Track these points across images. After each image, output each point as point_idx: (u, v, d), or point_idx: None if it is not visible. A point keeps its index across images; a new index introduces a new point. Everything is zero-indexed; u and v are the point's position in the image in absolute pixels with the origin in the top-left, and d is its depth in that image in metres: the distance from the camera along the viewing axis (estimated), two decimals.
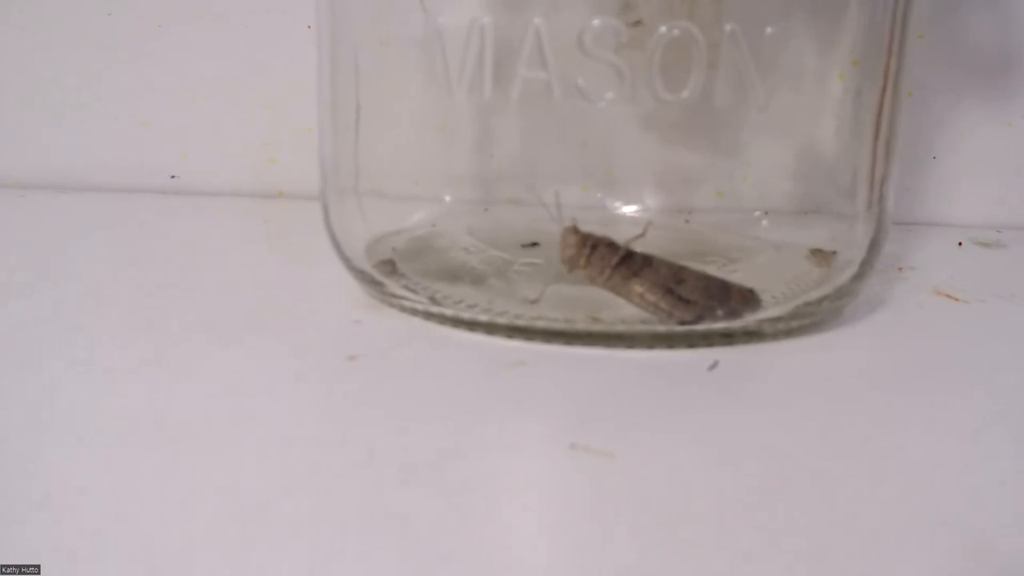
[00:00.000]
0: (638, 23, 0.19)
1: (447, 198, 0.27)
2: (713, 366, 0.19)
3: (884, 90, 0.21)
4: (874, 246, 0.22)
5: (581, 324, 0.20)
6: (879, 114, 0.21)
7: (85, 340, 0.20)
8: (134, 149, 0.37)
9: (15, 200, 0.35)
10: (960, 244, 0.33)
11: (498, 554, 0.12)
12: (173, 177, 0.38)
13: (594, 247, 0.19)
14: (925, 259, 0.30)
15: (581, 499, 0.14)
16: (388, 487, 0.14)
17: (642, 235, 0.19)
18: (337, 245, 0.24)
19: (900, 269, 0.29)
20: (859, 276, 0.22)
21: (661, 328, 0.20)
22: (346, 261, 0.24)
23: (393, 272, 0.23)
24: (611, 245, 0.19)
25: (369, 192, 0.25)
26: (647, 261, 0.19)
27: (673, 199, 0.27)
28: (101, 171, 0.38)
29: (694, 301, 0.19)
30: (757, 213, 0.26)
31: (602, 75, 0.18)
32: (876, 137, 0.22)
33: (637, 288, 0.19)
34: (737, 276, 0.21)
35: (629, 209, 0.26)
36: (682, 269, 0.20)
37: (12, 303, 0.22)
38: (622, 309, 0.20)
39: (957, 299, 0.25)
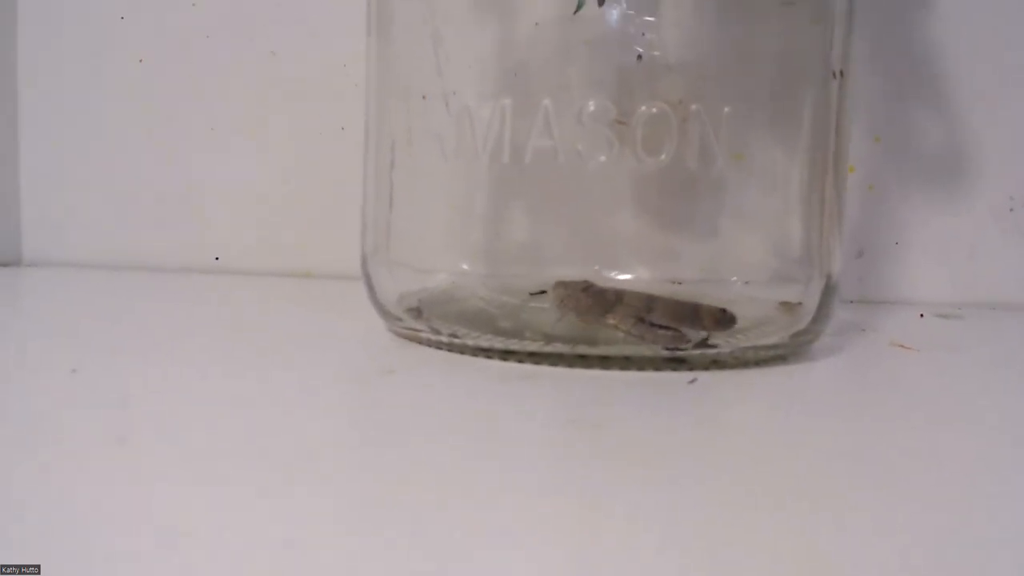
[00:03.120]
0: (622, 123, 0.24)
1: (464, 267, 0.31)
2: (692, 381, 0.23)
3: (825, 175, 0.26)
4: (825, 293, 0.26)
5: (581, 350, 0.24)
6: (823, 195, 0.26)
7: (164, 371, 0.24)
8: (185, 236, 0.42)
9: (87, 278, 0.40)
10: (921, 316, 0.37)
11: (515, 473, 0.15)
12: (217, 259, 0.43)
13: (570, 294, 0.23)
14: (887, 325, 0.34)
15: (575, 449, 0.17)
16: (430, 452, 0.17)
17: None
18: (374, 297, 0.28)
19: (863, 330, 0.33)
20: (816, 319, 0.26)
21: (649, 353, 0.23)
22: (379, 307, 0.28)
23: (419, 317, 0.27)
24: (586, 289, 0.23)
25: (398, 263, 0.29)
26: (619, 296, 0.23)
27: (662, 270, 0.31)
28: (158, 254, 0.42)
29: (665, 326, 0.23)
30: (735, 279, 0.31)
31: (596, 143, 0.23)
32: (822, 214, 0.26)
33: (611, 321, 0.23)
34: None
35: (624, 277, 0.31)
36: (652, 299, 0.23)
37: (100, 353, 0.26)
38: (619, 339, 0.24)
39: (909, 348, 0.29)
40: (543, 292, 0.28)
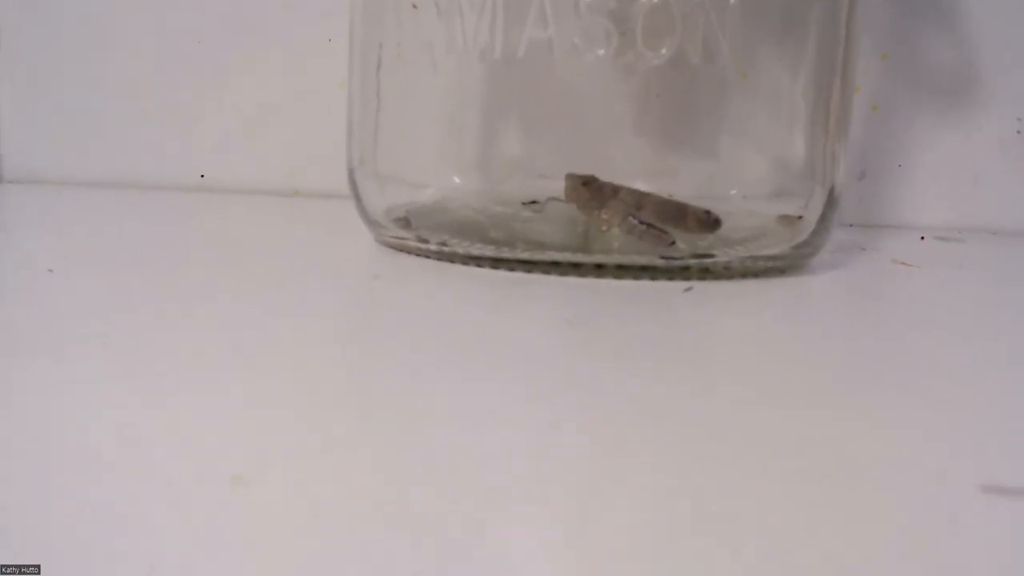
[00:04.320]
0: (624, 34, 0.23)
1: (456, 180, 0.30)
2: (688, 289, 0.22)
3: (832, 82, 0.25)
4: (827, 206, 0.25)
5: (575, 257, 0.23)
6: (828, 103, 0.25)
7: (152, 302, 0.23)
8: (170, 152, 0.41)
9: (77, 195, 0.39)
10: (922, 239, 0.36)
11: (512, 371, 0.15)
12: (202, 176, 0.41)
13: (572, 186, 0.23)
14: (888, 246, 0.34)
15: (573, 349, 0.17)
16: (419, 351, 0.16)
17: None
18: (361, 207, 0.27)
19: (863, 249, 0.32)
20: (817, 231, 0.25)
21: (643, 261, 0.23)
22: (366, 216, 0.27)
23: (407, 227, 0.26)
24: (587, 183, 0.23)
25: (387, 176, 0.28)
26: (615, 191, 0.23)
27: (659, 184, 0.30)
28: (142, 171, 0.41)
29: (651, 224, 0.22)
30: (734, 192, 0.30)
31: (593, 35, 0.22)
32: (827, 122, 0.25)
33: (604, 215, 0.22)
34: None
35: None
36: (644, 196, 0.23)
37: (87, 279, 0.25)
38: (614, 247, 0.23)
39: (910, 265, 0.29)
40: (535, 202, 0.27)
